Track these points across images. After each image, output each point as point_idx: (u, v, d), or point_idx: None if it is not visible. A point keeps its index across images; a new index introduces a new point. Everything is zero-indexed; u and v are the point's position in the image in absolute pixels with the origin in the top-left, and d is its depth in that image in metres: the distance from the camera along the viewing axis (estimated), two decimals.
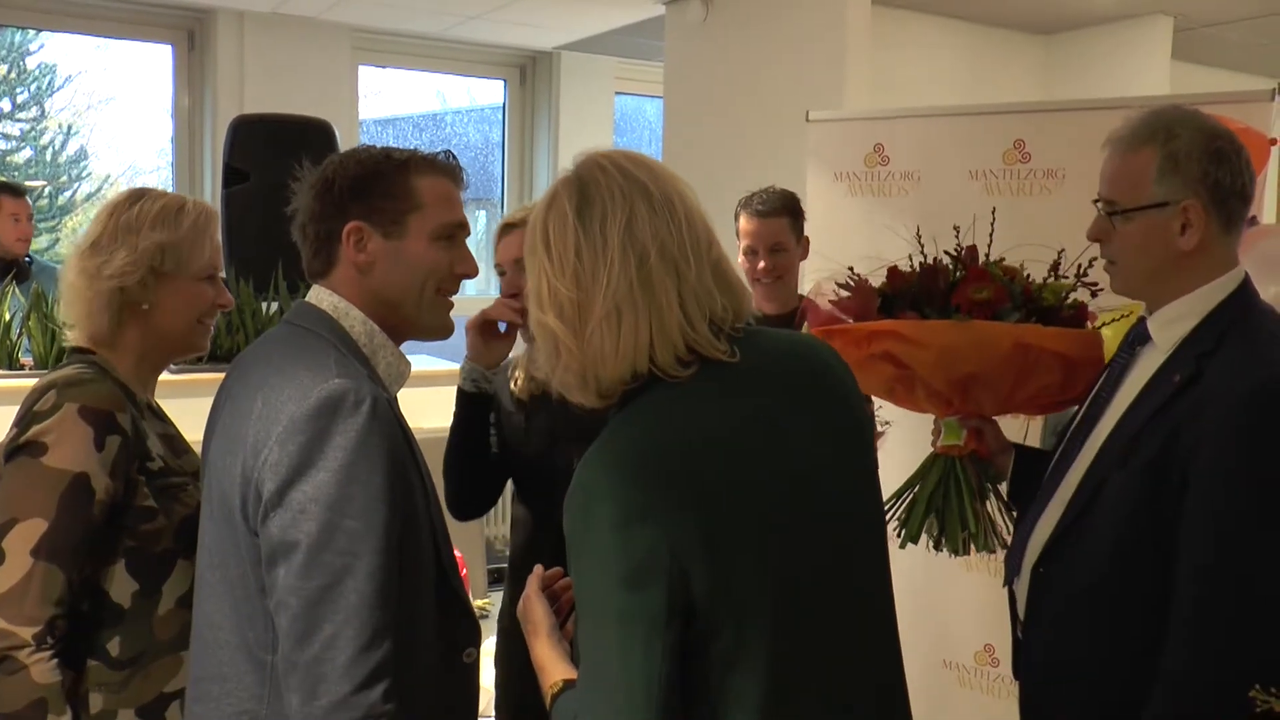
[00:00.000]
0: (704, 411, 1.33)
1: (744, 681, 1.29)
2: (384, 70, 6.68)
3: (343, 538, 1.37)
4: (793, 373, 1.41)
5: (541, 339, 1.37)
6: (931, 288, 2.05)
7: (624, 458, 1.30)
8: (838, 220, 3.24)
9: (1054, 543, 1.73)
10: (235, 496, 1.44)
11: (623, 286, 1.32)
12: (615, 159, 1.39)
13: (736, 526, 1.28)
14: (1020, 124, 2.98)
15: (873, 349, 2.03)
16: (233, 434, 1.47)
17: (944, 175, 3.08)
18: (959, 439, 2.07)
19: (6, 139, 6.67)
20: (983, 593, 2.95)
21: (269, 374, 1.48)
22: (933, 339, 1.98)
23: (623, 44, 6.41)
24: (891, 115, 3.33)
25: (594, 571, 1.29)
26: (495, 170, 7.10)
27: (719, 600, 1.27)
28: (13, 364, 3.49)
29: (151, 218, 1.80)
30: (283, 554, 1.38)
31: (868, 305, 2.08)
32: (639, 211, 1.34)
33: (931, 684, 3.13)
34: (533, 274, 1.37)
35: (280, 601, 1.38)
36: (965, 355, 1.96)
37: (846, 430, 1.43)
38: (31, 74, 6.71)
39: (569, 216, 1.34)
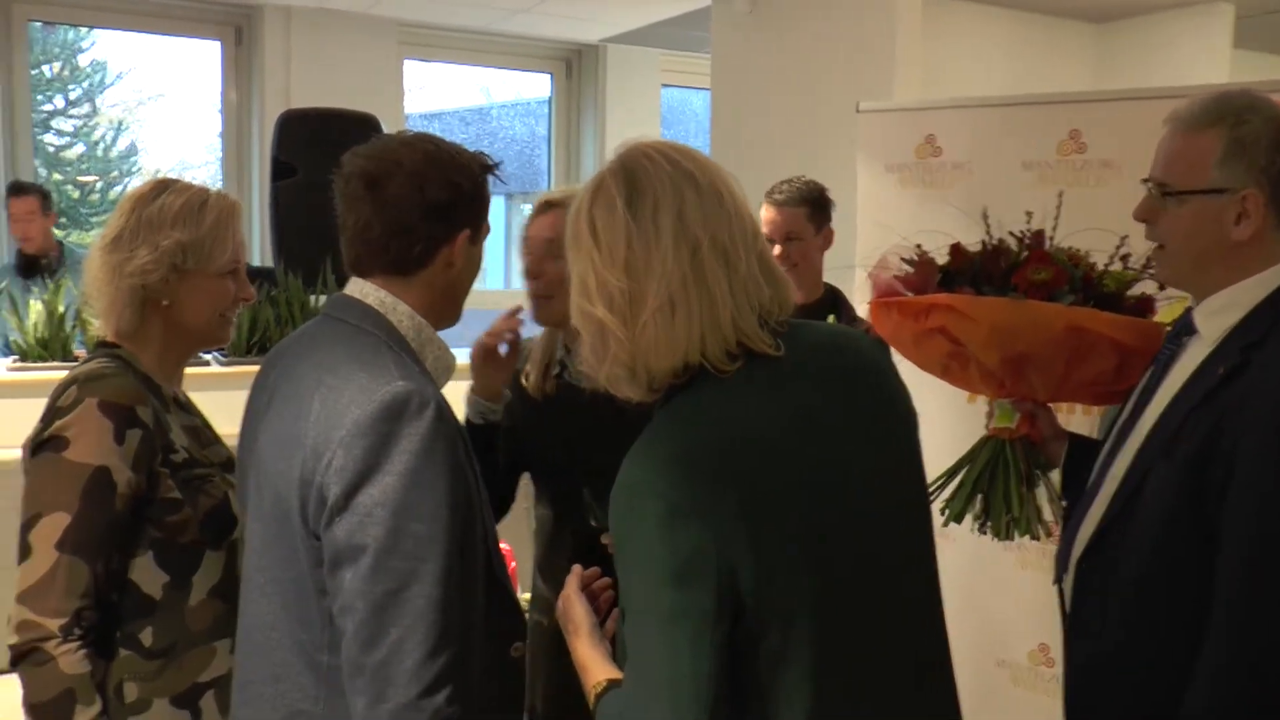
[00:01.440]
0: (749, 407, 1.31)
1: (792, 678, 1.27)
2: (429, 64, 6.70)
3: (409, 542, 1.36)
4: (836, 367, 1.40)
5: (587, 331, 1.35)
6: (992, 267, 2.03)
7: (670, 454, 1.29)
8: (889, 212, 3.19)
9: (1098, 537, 1.70)
10: (293, 499, 1.42)
11: (676, 277, 1.30)
12: (661, 149, 1.37)
13: (781, 523, 1.27)
14: (1076, 113, 2.92)
15: (929, 323, 2.01)
16: (287, 436, 1.45)
17: (997, 166, 3.02)
18: (1011, 422, 2.04)
19: (60, 135, 6.78)
20: (1036, 591, 2.90)
21: (323, 374, 1.46)
22: (985, 314, 1.96)
23: (669, 36, 6.38)
24: (943, 105, 3.27)
25: (640, 569, 1.27)
26: (541, 164, 7.11)
27: (765, 597, 1.25)
28: (66, 355, 3.53)
29: (173, 215, 1.78)
30: (349, 558, 1.37)
31: (928, 279, 2.07)
32: (689, 201, 1.32)
33: (985, 683, 3.08)
34: (579, 265, 1.35)
35: (346, 605, 1.37)
36: (1017, 333, 1.94)
37: (890, 424, 1.41)
38: (84, 71, 6.80)
39: (618, 206, 1.32)
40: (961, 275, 2.06)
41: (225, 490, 1.82)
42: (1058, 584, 1.85)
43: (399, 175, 1.49)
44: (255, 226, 5.78)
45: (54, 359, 3.49)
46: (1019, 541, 2.99)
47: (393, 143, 1.54)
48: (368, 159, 1.51)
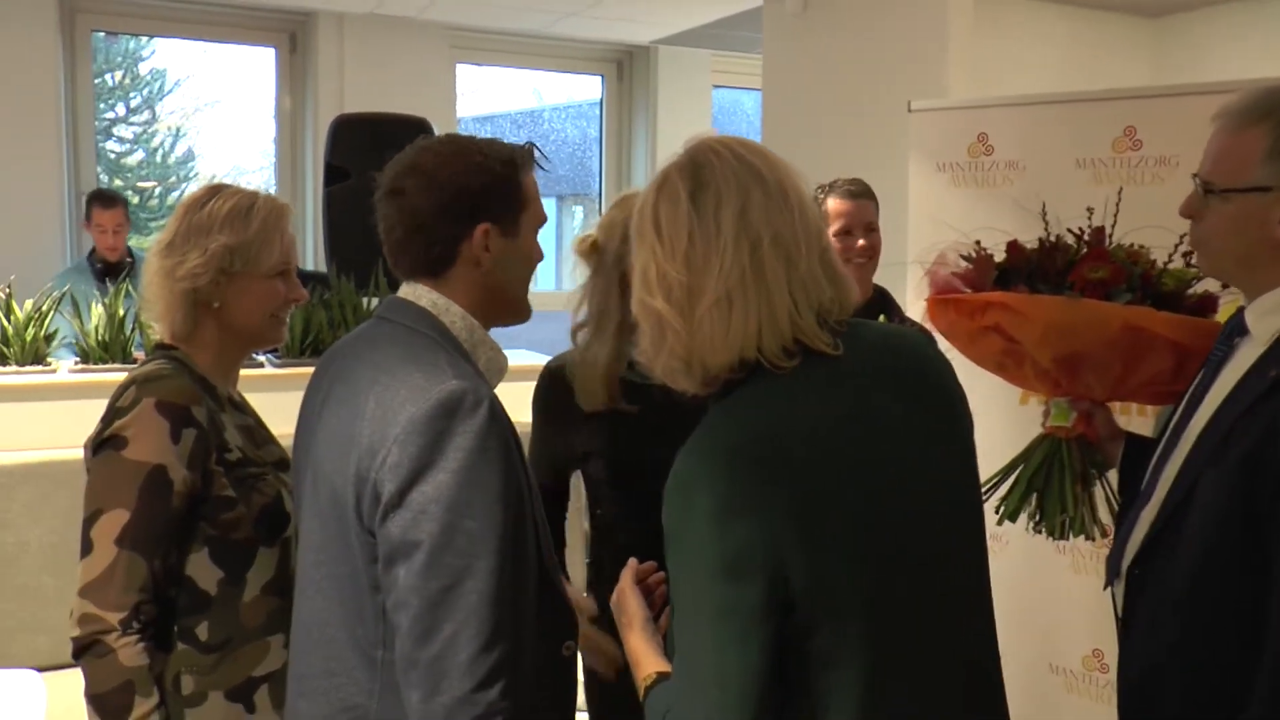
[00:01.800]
0: (805, 405, 1.31)
1: (842, 677, 1.27)
2: (481, 68, 6.74)
3: (463, 539, 1.38)
4: (894, 368, 1.39)
5: (646, 323, 1.36)
6: (1049, 264, 2.01)
7: (724, 450, 1.29)
8: (940, 212, 3.16)
9: (1149, 543, 1.66)
10: (348, 496, 1.45)
11: (735, 273, 1.30)
12: (729, 144, 1.37)
13: (833, 522, 1.26)
14: (1131, 110, 2.86)
15: (984, 321, 2.00)
16: (343, 434, 1.48)
17: (1050, 164, 2.98)
18: (1067, 421, 2.02)
19: (121, 142, 6.91)
20: (1090, 595, 2.86)
21: (378, 374, 1.48)
22: (1039, 313, 1.94)
23: (720, 37, 6.36)
24: (995, 103, 3.23)
25: (692, 564, 1.28)
26: (593, 166, 7.12)
27: (816, 595, 1.25)
28: (126, 357, 3.59)
29: (221, 219, 1.82)
30: (403, 554, 1.39)
31: (984, 277, 2.05)
32: (753, 197, 1.32)
33: (1037, 689, 3.04)
34: (641, 256, 1.36)
35: (400, 601, 1.39)
36: (1071, 332, 1.91)
37: (946, 427, 1.41)
38: (144, 79, 6.94)
39: (682, 200, 1.33)
40: (1017, 272, 2.04)
41: (278, 488, 1.86)
42: (1109, 589, 1.83)
43: (413, 178, 1.53)
44: (309, 231, 5.85)
45: (114, 361, 3.55)
46: (1072, 544, 2.95)
47: (416, 148, 1.57)
48: (394, 166, 1.56)
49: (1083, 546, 2.89)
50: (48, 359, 3.53)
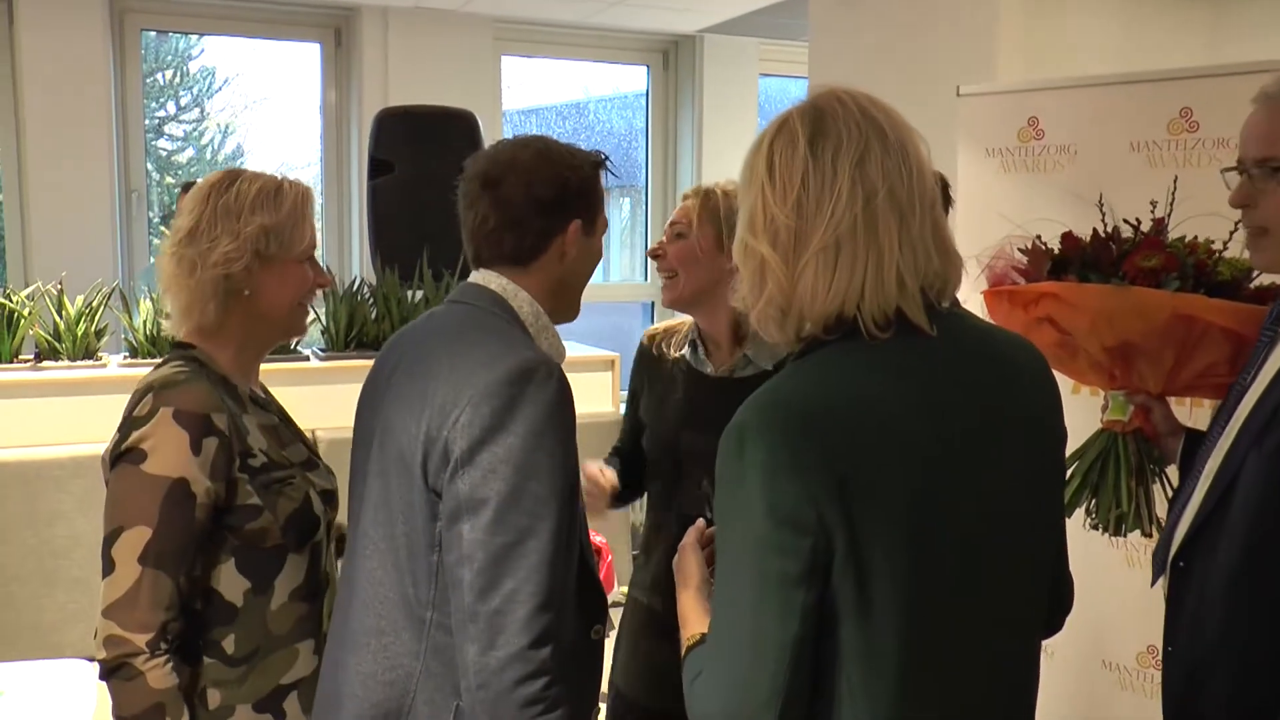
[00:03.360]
0: (879, 383, 1.27)
1: (880, 655, 1.23)
2: (527, 60, 6.73)
3: (529, 499, 1.44)
4: (987, 365, 1.35)
5: (747, 268, 1.33)
6: (1103, 255, 1.97)
7: (786, 408, 1.25)
8: (989, 198, 3.10)
9: (1194, 533, 1.62)
10: (416, 454, 1.51)
11: (846, 221, 1.27)
12: (856, 96, 1.34)
13: (886, 509, 1.22)
14: (1187, 91, 2.79)
15: (1037, 311, 1.99)
16: (414, 394, 1.54)
17: (1103, 148, 2.91)
18: (1124, 415, 1.99)
19: (171, 140, 6.98)
20: (1144, 591, 2.78)
21: (453, 342, 1.57)
22: (1087, 302, 1.91)
23: (766, 24, 6.30)
24: (1046, 86, 3.16)
25: (739, 515, 1.25)
26: (639, 157, 7.09)
27: (853, 574, 1.21)
28: None
29: (251, 201, 1.76)
30: (469, 510, 1.44)
31: (1039, 268, 2.03)
32: (873, 150, 1.29)
33: (1091, 685, 2.98)
34: (748, 199, 1.33)
35: (465, 555, 1.45)
36: (1120, 321, 1.87)
37: (1030, 439, 1.36)
38: (193, 78, 7.00)
39: (800, 143, 1.30)
40: (1071, 263, 2.01)
41: (306, 490, 1.80)
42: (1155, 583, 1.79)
43: (512, 174, 1.62)
44: (354, 225, 5.88)
45: (161, 355, 3.58)
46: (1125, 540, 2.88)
47: (509, 145, 1.66)
48: (487, 161, 1.65)
49: (1136, 541, 2.82)
50: (98, 354, 3.58)
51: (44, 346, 3.51)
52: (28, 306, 3.51)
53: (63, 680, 2.48)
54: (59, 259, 4.67)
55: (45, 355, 3.51)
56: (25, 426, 3.37)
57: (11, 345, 3.47)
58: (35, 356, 3.51)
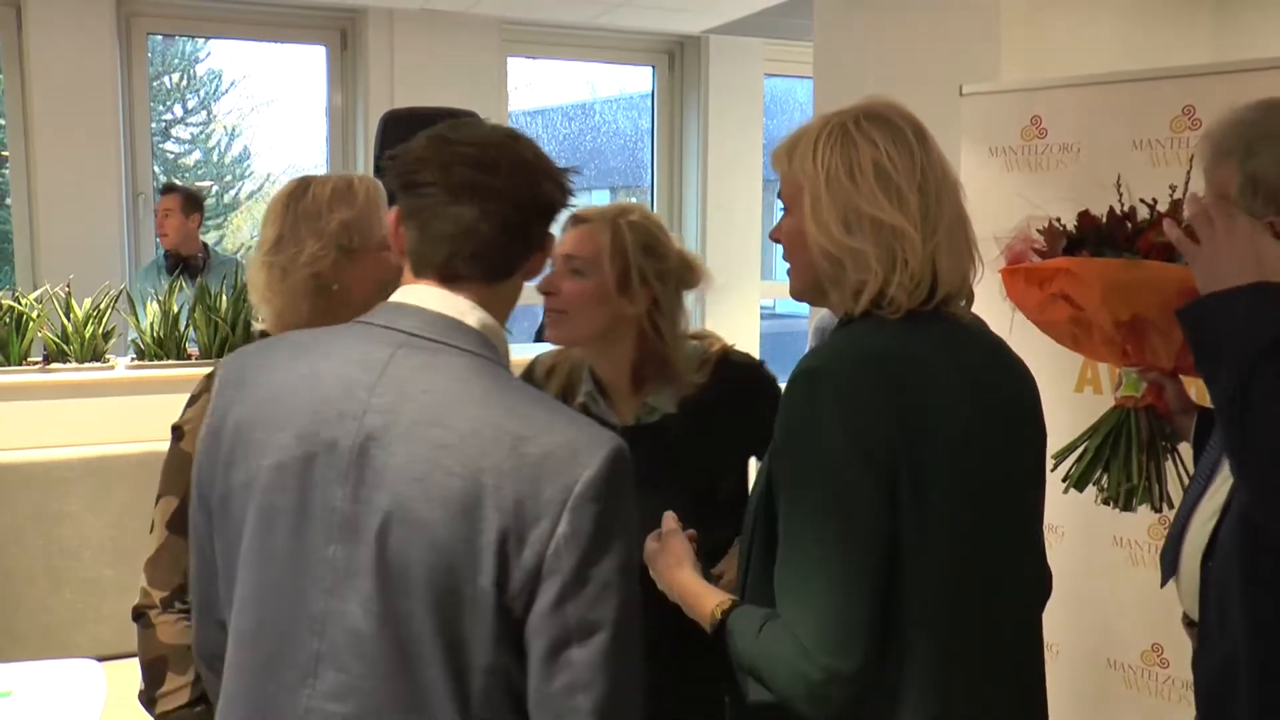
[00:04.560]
0: (927, 344, 1.39)
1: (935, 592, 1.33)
2: (533, 61, 6.74)
3: (633, 606, 1.26)
4: (998, 356, 1.52)
5: (881, 245, 1.39)
6: (1119, 232, 1.99)
7: (857, 353, 1.36)
8: (993, 198, 3.10)
9: (1219, 535, 1.61)
10: (479, 563, 1.21)
11: (953, 205, 1.44)
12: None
13: (943, 445, 1.33)
14: (1190, 89, 2.79)
15: (1051, 288, 2.00)
16: (446, 482, 1.22)
17: (1105, 147, 2.91)
18: (1137, 391, 2.02)
19: (179, 142, 7.01)
20: (1149, 589, 2.78)
21: (485, 409, 1.25)
22: (1097, 276, 1.93)
23: (771, 25, 6.31)
24: (1049, 85, 3.16)
25: (815, 456, 1.32)
26: (644, 158, 7.10)
27: (919, 509, 1.31)
28: (180, 354, 3.64)
29: (328, 200, 1.84)
30: (582, 634, 1.22)
31: (1054, 245, 2.05)
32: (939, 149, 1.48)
33: (1095, 685, 2.97)
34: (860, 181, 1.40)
35: (580, 683, 1.22)
36: (1128, 294, 1.90)
37: (1033, 434, 1.52)
38: (200, 80, 7.03)
39: (907, 133, 1.43)
40: (1087, 241, 2.03)
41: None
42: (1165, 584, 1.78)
43: (512, 165, 1.33)
44: None
45: (169, 357, 3.60)
46: (1130, 538, 2.88)
47: (489, 130, 1.37)
48: (473, 142, 1.33)
49: (1140, 540, 2.83)
50: (106, 356, 3.59)
51: (52, 349, 3.52)
52: (36, 309, 3.53)
53: (71, 680, 2.49)
54: (67, 261, 4.69)
55: (53, 357, 3.52)
56: (34, 428, 3.38)
57: (20, 347, 3.48)
58: (44, 359, 3.52)
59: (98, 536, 3.33)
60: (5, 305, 3.48)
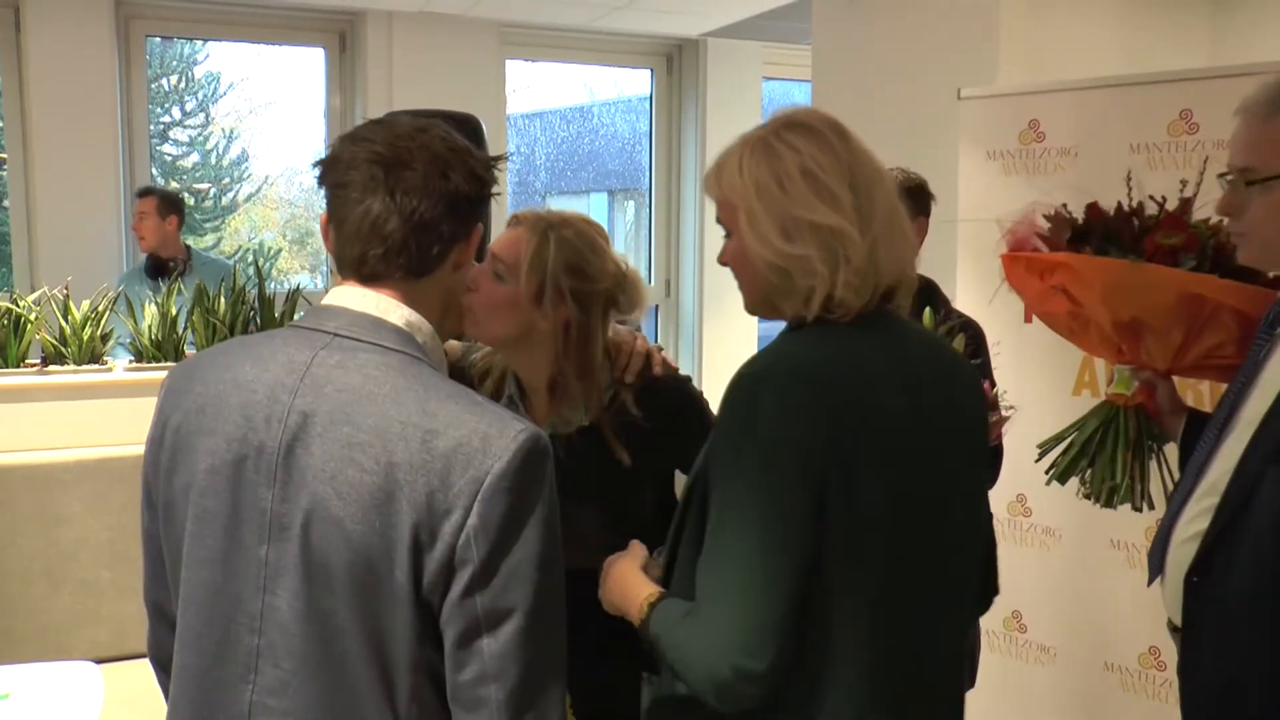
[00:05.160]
0: (868, 350, 1.40)
1: (862, 595, 1.35)
2: (531, 64, 6.74)
3: (552, 600, 1.27)
4: (936, 356, 1.52)
5: (815, 246, 1.40)
6: (1124, 229, 1.99)
7: (797, 360, 1.38)
8: (991, 201, 3.11)
9: (1207, 549, 1.61)
10: (395, 558, 1.23)
11: (887, 199, 1.44)
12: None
13: (876, 453, 1.34)
14: (1187, 93, 2.80)
15: (1052, 280, 2.02)
16: (361, 479, 1.24)
17: (1103, 150, 2.92)
18: (1128, 389, 2.03)
19: (177, 145, 7.01)
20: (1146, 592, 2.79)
21: (399, 407, 1.26)
22: (1098, 275, 1.93)
23: (769, 28, 6.31)
24: (1047, 89, 3.17)
25: (747, 458, 1.33)
26: (642, 161, 7.10)
27: (849, 515, 1.33)
28: (178, 356, 3.63)
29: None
30: (490, 624, 1.23)
31: (1059, 235, 2.04)
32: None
33: (1092, 688, 2.98)
34: (789, 190, 1.41)
35: (489, 673, 1.24)
36: (1128, 295, 1.90)
37: (971, 429, 1.52)
38: (199, 83, 7.03)
39: (829, 136, 1.44)
40: (1093, 234, 2.02)
41: None
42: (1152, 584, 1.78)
43: (418, 163, 1.32)
44: None
45: (167, 360, 3.60)
46: (1127, 540, 2.89)
47: (405, 126, 1.35)
48: (383, 139, 1.33)
49: (1137, 543, 2.83)
50: (104, 358, 3.59)
51: (50, 351, 3.52)
52: (34, 311, 3.53)
53: (69, 682, 2.49)
54: (65, 264, 4.69)
55: (51, 360, 3.52)
56: (32, 430, 3.38)
57: (18, 350, 3.48)
58: (42, 361, 3.52)
59: (96, 538, 3.32)
60: (3, 307, 3.48)
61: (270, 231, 7.42)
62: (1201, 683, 1.66)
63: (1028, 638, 3.03)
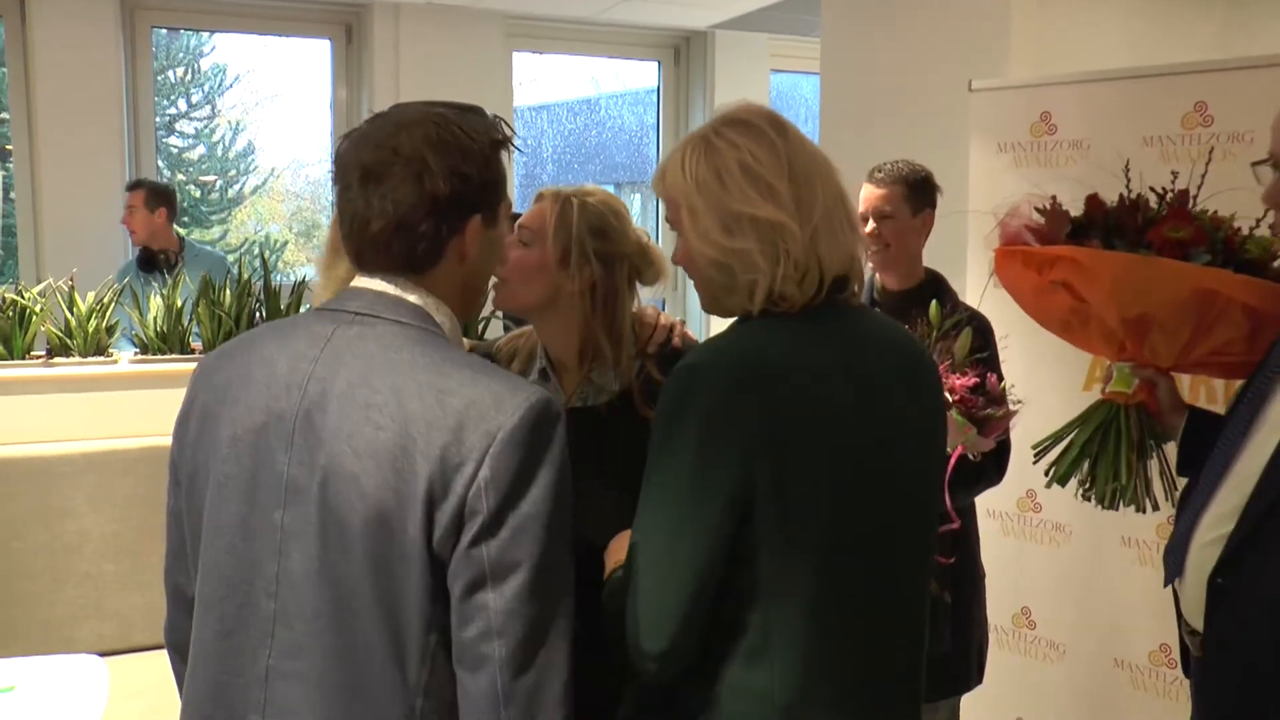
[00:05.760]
0: (812, 344, 1.41)
1: (788, 607, 1.35)
2: (538, 56, 6.72)
3: (556, 558, 1.29)
4: (895, 351, 1.51)
5: (757, 240, 1.41)
6: (1128, 221, 1.95)
7: (736, 354, 1.38)
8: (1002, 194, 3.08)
9: (1235, 550, 1.58)
10: (409, 512, 1.27)
11: (832, 190, 1.45)
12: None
13: (812, 451, 1.35)
14: (1201, 85, 2.76)
15: (1051, 275, 1.97)
16: (376, 437, 1.28)
17: (1115, 143, 2.88)
18: (1128, 387, 1.97)
19: (183, 137, 7.00)
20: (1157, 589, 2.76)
21: (424, 374, 1.30)
22: (1107, 269, 1.88)
23: (778, 20, 6.29)
24: (1059, 81, 3.14)
25: (672, 447, 1.36)
26: (650, 153, 7.09)
27: (780, 511, 1.34)
28: (184, 348, 3.63)
29: None
30: (498, 577, 1.26)
31: (1057, 230, 2.00)
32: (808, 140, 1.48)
33: (1102, 685, 2.96)
34: (729, 184, 1.42)
35: (495, 628, 1.26)
36: (1140, 291, 1.85)
37: (927, 420, 1.52)
38: (205, 75, 7.02)
39: (768, 131, 1.44)
40: (1094, 228, 1.98)
41: None
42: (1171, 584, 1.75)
43: (396, 166, 1.35)
44: None
45: (172, 352, 3.59)
46: (1138, 537, 2.86)
47: (390, 126, 1.37)
48: (365, 147, 1.37)
49: (1148, 540, 2.80)
50: (109, 350, 3.58)
51: (55, 343, 3.51)
52: (39, 303, 3.52)
53: (74, 675, 2.48)
54: (71, 255, 4.69)
55: (57, 351, 3.51)
56: (37, 423, 3.37)
57: (24, 342, 3.47)
58: (47, 353, 3.52)
59: (100, 531, 3.32)
60: (8, 299, 3.47)
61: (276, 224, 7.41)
62: (1225, 686, 1.64)
63: (1037, 634, 3.01)
